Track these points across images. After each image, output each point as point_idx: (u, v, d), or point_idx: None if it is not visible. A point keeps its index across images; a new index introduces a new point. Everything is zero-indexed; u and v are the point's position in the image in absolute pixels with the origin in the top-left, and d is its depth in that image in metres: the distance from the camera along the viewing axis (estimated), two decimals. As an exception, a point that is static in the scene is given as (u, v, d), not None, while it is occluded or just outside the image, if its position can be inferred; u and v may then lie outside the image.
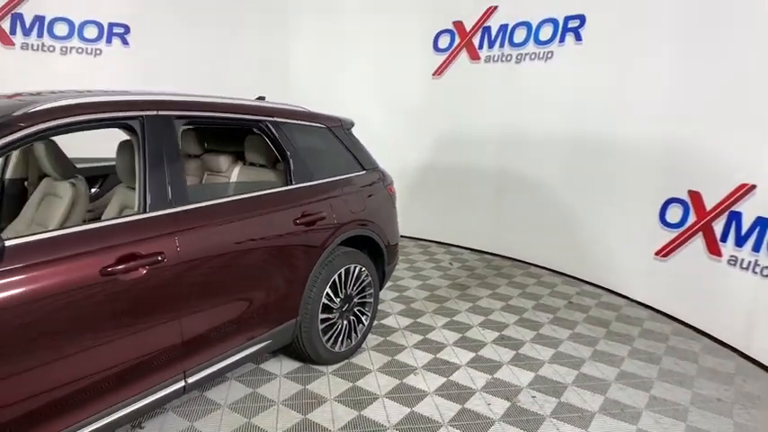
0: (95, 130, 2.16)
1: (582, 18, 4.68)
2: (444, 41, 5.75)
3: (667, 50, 3.99)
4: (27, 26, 5.56)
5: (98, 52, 5.94)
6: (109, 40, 5.96)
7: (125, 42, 6.03)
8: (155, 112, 2.27)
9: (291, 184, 2.87)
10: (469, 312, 4.09)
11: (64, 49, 5.78)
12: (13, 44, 5.52)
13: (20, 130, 1.84)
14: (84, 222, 2.61)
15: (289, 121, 2.99)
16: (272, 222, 2.64)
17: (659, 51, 4.06)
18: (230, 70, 6.15)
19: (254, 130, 2.93)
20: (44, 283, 1.74)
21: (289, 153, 2.89)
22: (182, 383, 2.28)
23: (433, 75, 5.85)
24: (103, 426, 2.00)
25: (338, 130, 3.36)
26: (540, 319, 4.01)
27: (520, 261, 5.47)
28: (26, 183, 3.21)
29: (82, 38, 5.84)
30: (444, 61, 5.76)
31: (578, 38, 4.72)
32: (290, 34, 6.29)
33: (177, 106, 2.38)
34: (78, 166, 2.91)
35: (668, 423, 2.71)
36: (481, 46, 5.49)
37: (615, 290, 4.60)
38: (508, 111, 5.31)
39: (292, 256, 2.76)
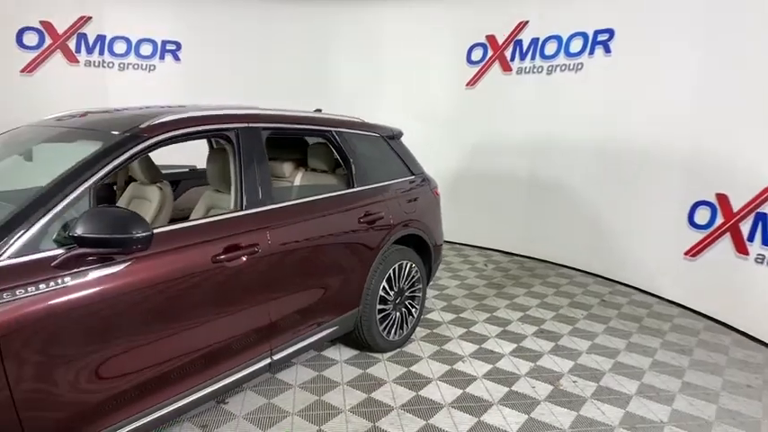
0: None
1: (611, 32, 4.95)
2: (477, 54, 6.06)
3: (693, 61, 4.24)
4: (90, 45, 6.04)
5: (152, 68, 6.40)
6: (162, 57, 6.42)
7: (176, 58, 6.49)
8: (246, 125, 2.62)
9: (354, 187, 3.20)
10: (508, 309, 4.36)
11: (122, 65, 6.25)
12: (78, 61, 6.00)
13: (146, 140, 2.20)
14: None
15: (350, 130, 3.33)
16: (342, 220, 2.98)
17: (685, 62, 4.31)
18: (272, 83, 6.53)
19: (319, 139, 3.27)
20: (174, 267, 2.10)
21: (351, 159, 3.23)
22: (268, 360, 2.61)
23: (467, 85, 6.17)
24: (208, 393, 2.33)
25: (390, 138, 3.69)
26: (575, 315, 4.27)
27: (552, 263, 5.72)
28: (114, 187, 3.58)
29: (138, 55, 6.31)
30: (477, 73, 6.07)
31: (607, 50, 4.99)
32: (329, 48, 6.67)
33: (264, 119, 2.74)
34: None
35: (701, 405, 2.95)
36: (513, 58, 5.79)
37: (646, 289, 4.83)
38: (539, 119, 5.59)
39: (357, 251, 3.08)
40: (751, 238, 3.85)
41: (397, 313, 3.51)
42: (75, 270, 1.84)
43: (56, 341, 1.78)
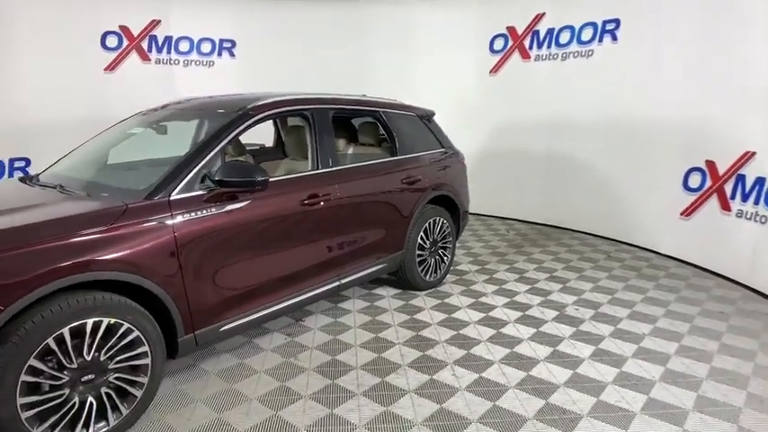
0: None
1: (617, 21, 5.62)
2: (499, 44, 6.77)
3: (686, 47, 4.89)
4: (159, 45, 6.96)
5: (211, 64, 7.30)
6: (220, 54, 7.32)
7: (232, 55, 7.38)
8: (319, 106, 3.46)
9: (397, 155, 4.02)
10: (525, 262, 5.13)
11: (186, 62, 7.16)
12: (150, 60, 6.93)
13: (253, 117, 3.05)
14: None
15: (393, 110, 4.14)
16: (389, 180, 3.81)
17: (680, 48, 4.96)
18: (315, 73, 7.34)
19: (367, 118, 4.10)
20: (277, 206, 2.96)
21: (394, 133, 4.04)
22: (338, 283, 3.47)
23: (490, 72, 6.89)
24: (298, 302, 3.19)
25: (425, 117, 4.49)
26: (583, 266, 5.01)
27: (566, 229, 6.44)
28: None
29: (199, 52, 7.22)
30: (499, 61, 6.79)
31: (614, 38, 5.66)
32: (367, 41, 7.43)
33: (331, 102, 3.58)
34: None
35: (678, 324, 3.69)
36: (531, 47, 6.49)
37: (647, 246, 5.53)
38: (555, 101, 6.29)
39: (400, 206, 3.90)
40: (733, 197, 4.53)
41: (432, 259, 4.32)
42: (217, 203, 2.70)
43: (205, 250, 2.64)
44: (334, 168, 3.41)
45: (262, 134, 4.52)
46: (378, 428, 2.49)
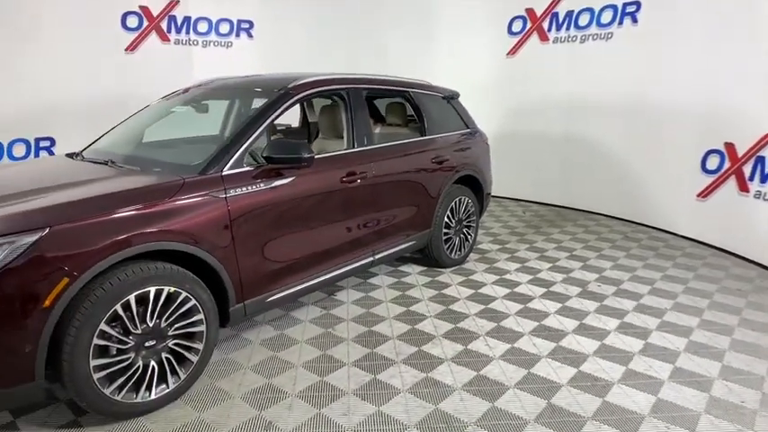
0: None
1: (638, 4, 5.65)
2: (517, 26, 6.81)
3: (706, 29, 4.94)
4: (179, 25, 7.00)
5: (229, 44, 7.36)
6: (238, 35, 7.37)
7: (250, 36, 7.43)
8: (354, 86, 3.54)
9: (426, 135, 4.11)
10: (545, 242, 5.25)
11: (204, 43, 7.21)
12: (169, 40, 6.98)
13: (294, 96, 3.14)
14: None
15: (421, 91, 4.22)
16: (420, 159, 3.90)
17: (700, 31, 5.01)
18: (333, 54, 7.40)
19: (395, 99, 4.18)
20: (319, 183, 3.07)
21: (423, 113, 4.13)
22: (371, 258, 3.59)
23: (507, 54, 6.93)
24: (336, 275, 3.32)
25: (450, 98, 4.57)
26: (601, 246, 5.13)
27: (583, 210, 6.54)
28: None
29: (218, 33, 7.27)
30: (517, 43, 6.83)
31: (635, 20, 5.70)
32: (387, 23, 7.45)
33: (364, 81, 3.66)
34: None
35: (698, 300, 3.82)
36: (550, 29, 6.52)
37: (664, 228, 5.64)
38: (573, 83, 6.34)
39: (429, 184, 4.00)
40: (751, 178, 4.62)
41: (457, 238, 4.44)
42: (264, 179, 2.81)
43: (254, 224, 2.75)
44: (370, 147, 3.51)
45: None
46: (420, 393, 2.63)
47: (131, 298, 2.27)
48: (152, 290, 2.34)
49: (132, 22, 6.69)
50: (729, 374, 2.83)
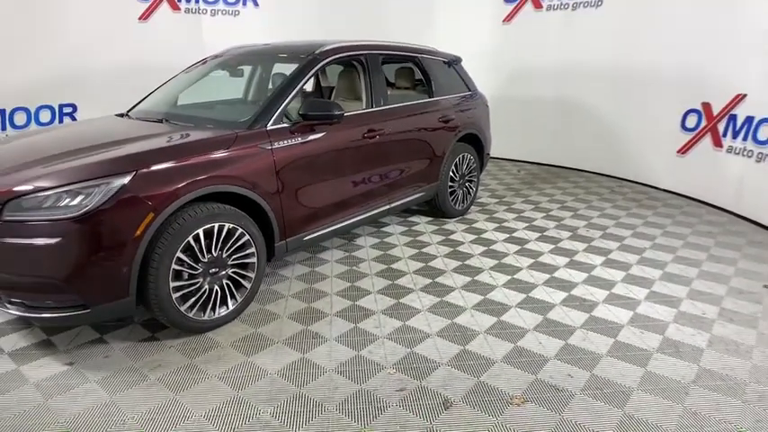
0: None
1: (626, -28, 6.02)
2: (513, -7, 7.15)
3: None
4: (188, -6, 7.23)
5: (237, 13, 7.61)
6: (245, 3, 7.62)
7: (256, 4, 7.68)
8: (371, 51, 3.95)
9: (433, 97, 4.53)
10: (538, 195, 5.75)
11: (213, 11, 7.47)
12: (180, 9, 7.22)
13: (321, 61, 3.54)
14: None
15: (428, 56, 4.63)
16: (429, 119, 4.34)
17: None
18: (335, 24, 7.69)
19: (404, 64, 4.58)
20: (346, 137, 3.51)
21: (430, 76, 4.54)
22: (387, 206, 4.06)
23: (503, 21, 7.29)
24: (356, 221, 3.78)
25: (453, 62, 4.97)
26: (590, 198, 5.64)
27: (571, 168, 7.04)
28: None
29: (225, 2, 7.51)
30: (513, 10, 7.18)
31: (623, -12, 6.08)
32: (383, 4, 7.76)
33: (380, 48, 4.06)
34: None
35: (674, 241, 4.35)
36: (544, -4, 6.88)
37: (647, 182, 6.16)
38: (564, 49, 6.73)
39: (437, 140, 4.45)
40: (725, 134, 5.12)
41: (461, 191, 4.91)
42: (300, 133, 3.24)
43: (294, 172, 3.19)
44: (386, 107, 3.94)
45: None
46: (438, 311, 3.14)
47: (200, 232, 2.73)
48: (216, 226, 2.79)
49: (144, -10, 6.92)
50: (695, 295, 3.38)
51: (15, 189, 2.42)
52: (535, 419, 2.22)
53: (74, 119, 6.44)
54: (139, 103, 4.05)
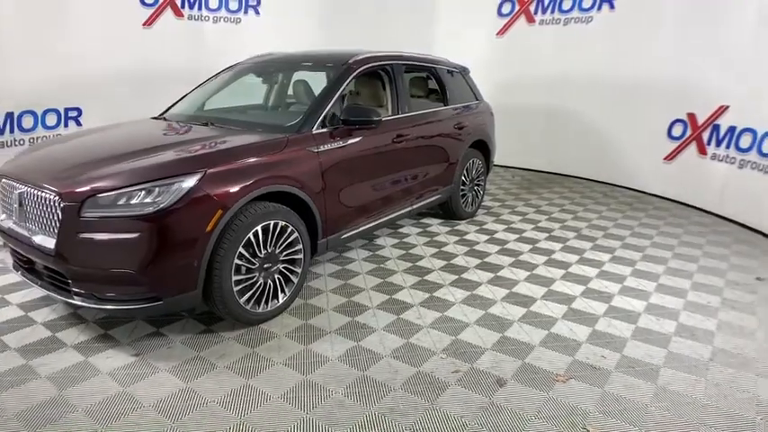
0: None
1: (615, -9, 6.47)
2: (507, 8, 7.52)
3: (673, 13, 5.80)
4: (191, 2, 7.36)
5: (238, 21, 7.76)
6: (246, 11, 7.78)
7: (257, 12, 7.85)
8: (396, 61, 4.19)
9: (447, 105, 4.81)
10: (537, 200, 6.09)
11: (215, 19, 7.60)
12: (183, 16, 7.33)
13: (355, 70, 3.77)
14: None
15: (443, 66, 4.91)
16: (446, 125, 4.61)
17: (670, 14, 5.87)
18: (334, 34, 7.92)
19: (418, 73, 4.84)
20: (379, 142, 3.74)
21: (445, 85, 4.82)
22: (410, 207, 4.30)
23: (497, 35, 7.66)
24: (383, 221, 4.00)
25: (464, 72, 5.27)
26: (585, 202, 6.01)
27: (565, 175, 7.42)
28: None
29: (227, 9, 7.65)
30: (506, 24, 7.56)
31: (612, 6, 6.51)
32: (385, 5, 8.01)
33: (403, 59, 4.31)
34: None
35: (669, 239, 4.73)
36: (536, 12, 7.27)
37: (636, 188, 6.58)
38: (556, 62, 7.13)
39: (453, 146, 4.72)
40: (708, 143, 5.56)
41: (470, 194, 5.19)
42: (340, 137, 3.45)
43: (335, 173, 3.39)
44: (411, 114, 4.19)
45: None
46: (471, 303, 3.39)
47: (258, 228, 2.91)
48: (271, 223, 2.98)
49: (148, -3, 7.01)
50: (698, 287, 3.73)
51: (93, 187, 2.56)
52: (581, 393, 2.48)
53: (78, 123, 6.45)
54: (172, 107, 4.19)
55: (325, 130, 3.39)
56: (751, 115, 5.11)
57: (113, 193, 2.55)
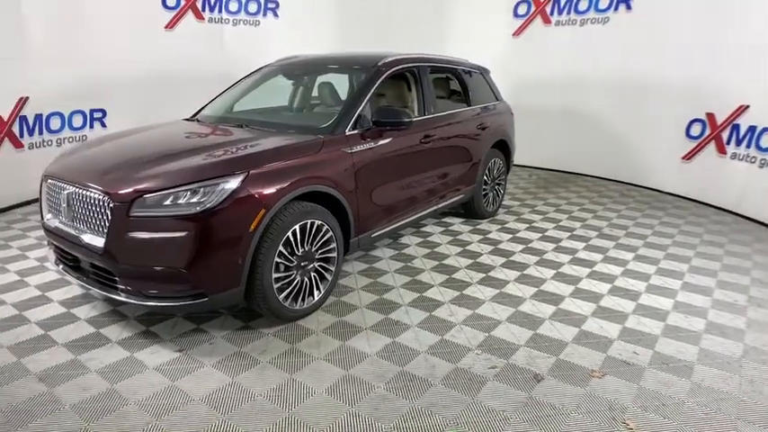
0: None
1: (632, -9, 6.50)
2: (522, 9, 7.57)
3: (691, 13, 5.83)
4: (212, 5, 7.45)
5: (257, 23, 7.85)
6: (265, 14, 7.87)
7: (276, 15, 7.93)
8: (423, 64, 4.26)
9: (470, 105, 4.87)
10: (555, 199, 6.14)
11: (235, 21, 7.69)
12: (204, 18, 7.42)
13: (385, 72, 3.83)
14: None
15: (465, 68, 4.97)
16: (470, 125, 4.67)
17: (686, 15, 5.90)
18: (351, 35, 8.00)
19: (439, 75, 4.89)
20: (409, 142, 3.80)
21: (468, 86, 4.88)
22: (435, 207, 4.36)
23: (513, 35, 7.71)
24: (410, 221, 4.06)
25: (484, 73, 5.33)
26: (604, 201, 6.05)
27: (581, 174, 7.46)
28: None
29: (247, 12, 7.75)
30: (522, 24, 7.60)
31: (629, 7, 6.55)
32: (401, 7, 8.07)
33: (429, 61, 4.37)
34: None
35: (690, 239, 4.77)
36: (552, 13, 7.31)
37: (651, 186, 6.61)
38: (572, 62, 7.17)
39: (476, 146, 4.78)
40: (728, 142, 5.59)
41: (491, 193, 5.25)
42: (371, 138, 3.52)
43: (367, 174, 3.45)
44: (437, 114, 4.25)
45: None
46: (500, 301, 3.45)
47: (297, 227, 2.98)
48: (308, 222, 3.05)
49: (171, 0, 7.11)
50: (724, 286, 3.77)
51: (141, 188, 2.64)
52: (617, 389, 2.54)
53: (103, 124, 6.55)
54: (203, 109, 4.27)
55: (357, 131, 3.46)
56: (771, 115, 5.15)
57: (161, 193, 2.63)
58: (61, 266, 3.14)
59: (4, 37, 5.22)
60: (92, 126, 6.45)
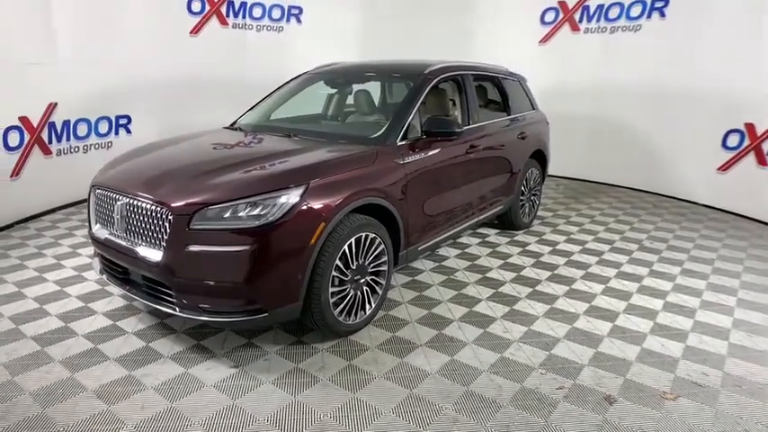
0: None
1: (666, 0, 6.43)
2: (550, 16, 7.50)
3: (728, 22, 5.75)
4: (236, 10, 7.42)
5: (281, 29, 7.82)
6: (288, 20, 7.83)
7: (299, 21, 7.91)
8: (466, 72, 4.19)
9: (510, 114, 4.79)
10: (588, 210, 6.04)
11: (258, 27, 7.66)
12: (228, 24, 7.39)
13: (431, 80, 3.76)
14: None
15: (504, 76, 4.89)
16: (511, 134, 4.59)
17: (722, 23, 5.81)
18: (375, 42, 7.94)
19: (488, 82, 4.81)
20: (457, 152, 3.73)
21: (508, 95, 4.81)
22: (477, 218, 4.28)
23: (540, 42, 7.64)
24: (456, 232, 3.99)
25: (522, 81, 5.25)
26: (638, 212, 5.96)
27: (610, 184, 7.36)
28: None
29: (270, 18, 7.72)
30: (549, 32, 7.54)
31: (663, 14, 6.47)
32: (425, 11, 8.02)
33: (471, 69, 4.30)
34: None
35: (736, 253, 4.66)
36: (581, 20, 7.25)
37: (684, 198, 6.51)
38: (602, 70, 7.09)
39: (516, 156, 4.70)
40: (769, 154, 5.50)
41: (528, 204, 5.17)
42: (421, 148, 3.45)
43: (416, 185, 3.37)
44: (480, 124, 4.18)
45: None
46: (553, 317, 3.36)
47: (352, 241, 2.90)
48: (363, 235, 2.97)
49: (196, 6, 7.07)
50: (779, 302, 3.68)
51: (202, 200, 2.57)
52: (694, 413, 2.44)
53: (128, 131, 6.49)
54: (242, 116, 4.21)
55: (406, 141, 3.39)
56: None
57: (222, 205, 2.56)
58: (106, 276, 3.07)
59: (35, 43, 5.18)
60: (117, 133, 6.40)
